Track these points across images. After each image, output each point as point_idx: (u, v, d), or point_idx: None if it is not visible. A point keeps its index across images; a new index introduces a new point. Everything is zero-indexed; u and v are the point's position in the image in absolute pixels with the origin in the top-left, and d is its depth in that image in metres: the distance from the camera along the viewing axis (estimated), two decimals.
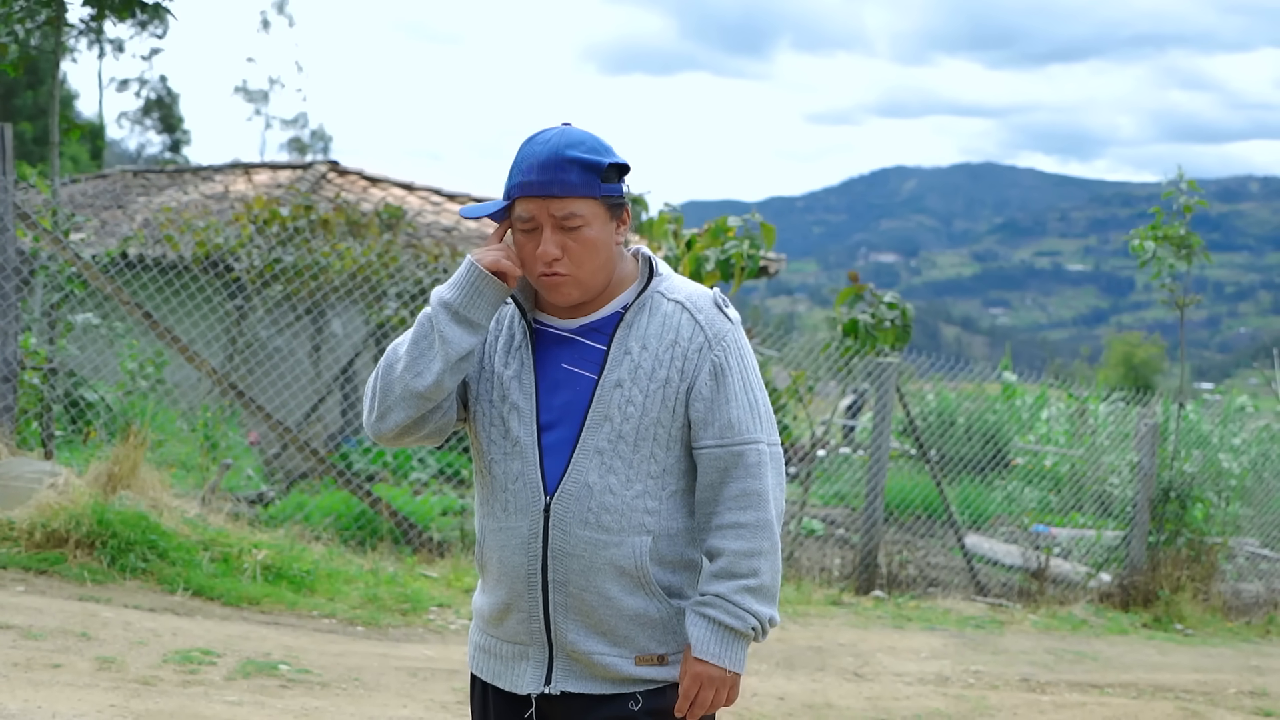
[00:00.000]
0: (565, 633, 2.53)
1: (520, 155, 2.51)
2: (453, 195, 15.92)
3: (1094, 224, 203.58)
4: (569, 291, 2.51)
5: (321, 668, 5.89)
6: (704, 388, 2.51)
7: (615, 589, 2.50)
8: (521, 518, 2.53)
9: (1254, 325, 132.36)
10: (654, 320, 2.53)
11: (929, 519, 11.56)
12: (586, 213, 2.48)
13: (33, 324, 8.88)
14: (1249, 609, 9.98)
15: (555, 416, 2.53)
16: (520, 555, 2.53)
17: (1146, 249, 10.38)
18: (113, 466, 7.30)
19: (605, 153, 2.51)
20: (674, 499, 2.54)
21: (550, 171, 2.46)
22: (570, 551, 2.50)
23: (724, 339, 2.53)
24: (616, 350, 2.52)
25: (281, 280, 10.58)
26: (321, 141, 55.50)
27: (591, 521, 2.49)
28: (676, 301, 2.55)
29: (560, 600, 2.52)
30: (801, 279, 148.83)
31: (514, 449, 2.54)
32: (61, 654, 5.60)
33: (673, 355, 2.51)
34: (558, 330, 2.57)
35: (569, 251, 2.48)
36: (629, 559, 2.49)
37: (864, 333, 9.93)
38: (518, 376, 2.56)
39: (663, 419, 2.50)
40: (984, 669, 7.40)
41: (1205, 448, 12.21)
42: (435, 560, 8.19)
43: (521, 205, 2.50)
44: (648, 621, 2.53)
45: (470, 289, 2.50)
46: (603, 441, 2.50)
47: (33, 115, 27.53)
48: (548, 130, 2.52)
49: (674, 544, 2.54)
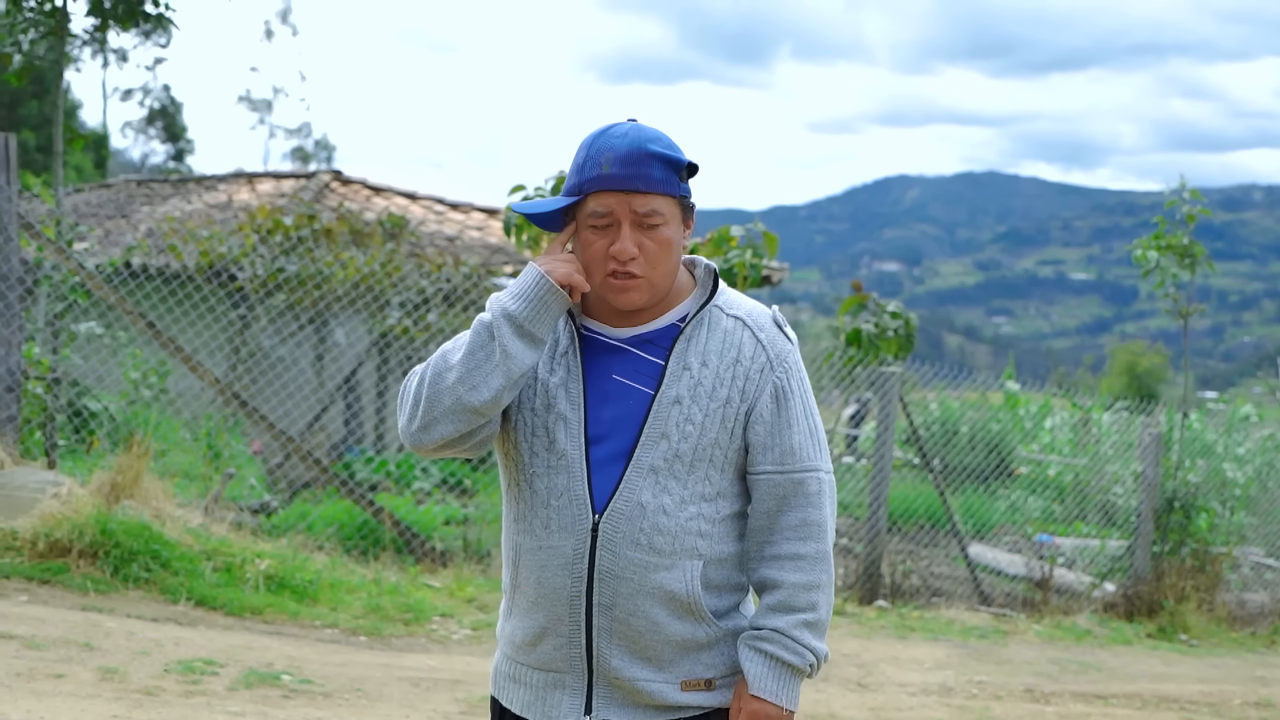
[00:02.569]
0: (609, 659, 2.38)
1: (594, 149, 2.36)
2: (455, 205, 15.94)
3: (1097, 233, 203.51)
4: (637, 295, 2.38)
5: (324, 678, 5.88)
6: (765, 410, 2.40)
7: (663, 613, 2.37)
8: (566, 536, 2.37)
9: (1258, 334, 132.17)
10: (714, 336, 2.40)
11: (932, 528, 11.54)
12: (666, 211, 2.36)
13: (36, 334, 8.89)
14: (1254, 619, 9.95)
15: (604, 430, 2.39)
16: (563, 576, 2.38)
17: (1150, 258, 10.37)
18: (116, 476, 7.30)
19: (679, 150, 2.40)
20: (725, 523, 2.42)
21: (634, 165, 2.33)
22: (618, 574, 2.36)
23: (786, 360, 2.43)
24: (675, 365, 2.38)
25: (285, 290, 10.58)
26: (325, 150, 55.57)
27: (643, 543, 2.35)
28: (737, 318, 2.43)
29: (605, 625, 2.37)
30: (805, 288, 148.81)
31: (559, 462, 2.39)
32: (64, 664, 5.60)
33: (734, 374, 2.39)
34: (608, 338, 2.43)
35: (645, 251, 2.35)
36: (680, 583, 2.37)
37: (867, 342, 9.93)
38: (564, 385, 2.40)
39: (720, 440, 2.38)
40: (988, 679, 7.38)
41: (1209, 457, 12.18)
42: (438, 570, 8.18)
43: (597, 200, 2.35)
44: (694, 646, 2.41)
45: (538, 302, 2.34)
46: (658, 460, 2.36)
47: (37, 125, 27.56)
48: (619, 124, 2.39)
49: (722, 569, 2.42)
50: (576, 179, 2.37)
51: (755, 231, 9.07)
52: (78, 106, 35.86)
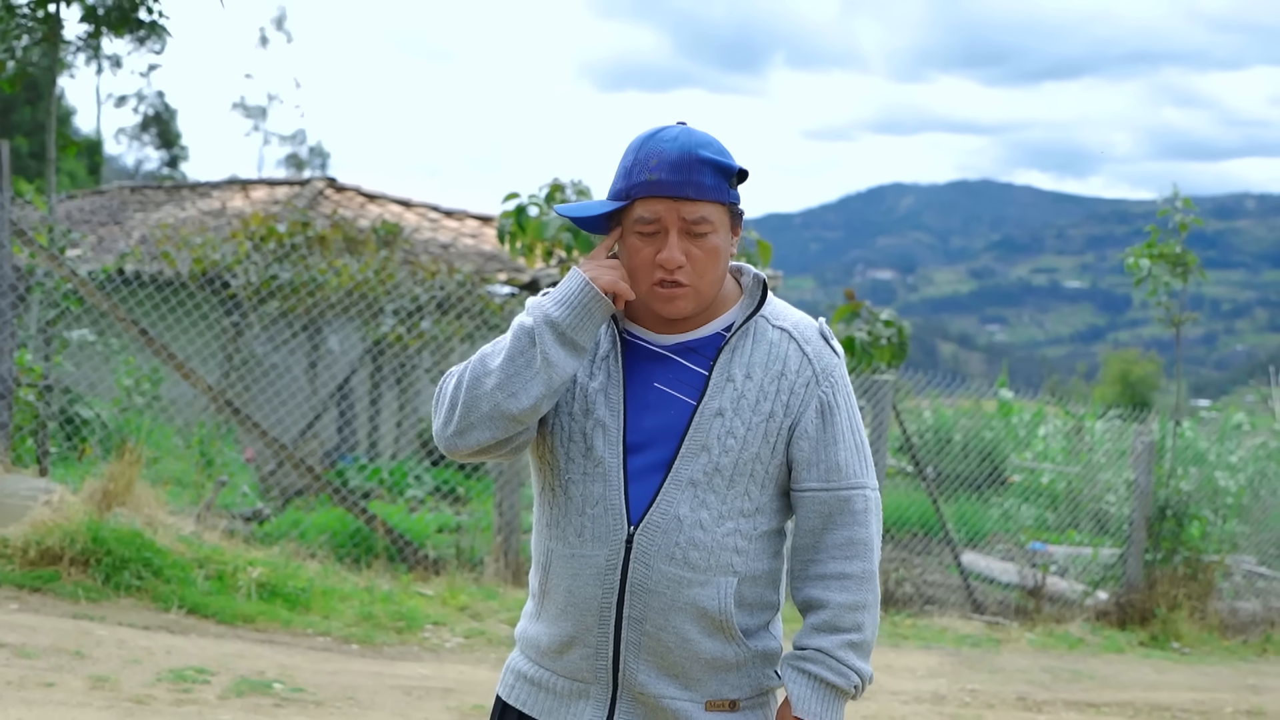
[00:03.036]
0: (635, 673, 2.33)
1: (643, 152, 2.29)
2: (450, 212, 15.95)
3: (1091, 241, 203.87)
4: (684, 304, 2.31)
5: (316, 686, 5.87)
6: (810, 426, 2.34)
7: (694, 630, 2.31)
8: (599, 546, 2.32)
9: (1250, 342, 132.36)
10: (759, 347, 2.34)
11: (926, 537, 11.54)
12: (716, 219, 2.29)
13: (28, 340, 8.88)
14: (1246, 627, 9.96)
15: (643, 439, 2.32)
16: (594, 587, 2.32)
17: (1142, 267, 10.39)
18: (108, 484, 7.29)
19: (730, 156, 2.32)
20: (762, 540, 2.36)
21: (684, 171, 2.27)
22: (651, 588, 2.30)
23: (832, 374, 2.36)
24: (719, 376, 2.32)
25: (278, 297, 10.58)
26: (320, 157, 55.52)
27: (678, 557, 2.29)
28: (783, 329, 2.37)
29: (633, 638, 2.32)
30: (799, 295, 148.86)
31: (595, 469, 2.33)
32: (55, 672, 5.59)
33: (779, 388, 2.33)
34: (651, 345, 2.37)
35: (692, 259, 2.29)
36: (713, 600, 2.31)
37: (860, 350, 9.94)
38: (604, 391, 2.34)
39: (762, 454, 2.32)
40: (980, 687, 7.38)
41: (1202, 465, 12.19)
42: (430, 578, 8.17)
43: (645, 206, 2.28)
44: (723, 665, 2.35)
45: (582, 310, 2.27)
46: (697, 473, 2.30)
47: (30, 131, 27.55)
48: (669, 128, 2.32)
49: (756, 586, 2.36)
50: (624, 183, 2.31)
51: (748, 240, 9.08)
52: (71, 113, 35.85)
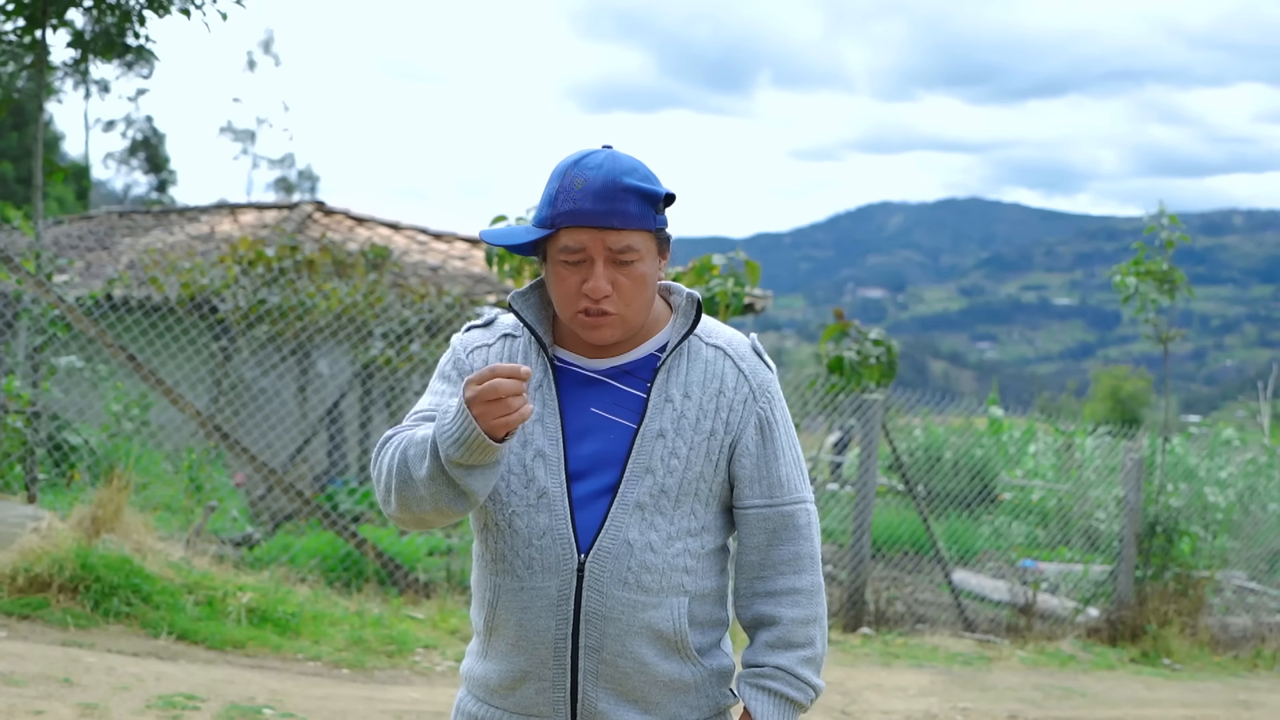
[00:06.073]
0: (595, 702, 2.30)
1: (567, 179, 2.25)
2: (439, 234, 15.96)
3: (1079, 258, 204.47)
4: (610, 332, 2.29)
5: (306, 711, 5.85)
6: (750, 442, 2.34)
7: (651, 653, 2.30)
8: (550, 577, 2.29)
9: (1240, 358, 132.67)
10: (694, 366, 2.33)
11: (916, 555, 11.55)
12: (642, 246, 2.26)
13: (16, 367, 8.86)
14: (1237, 643, 9.97)
15: (585, 466, 2.30)
16: (547, 619, 2.29)
17: (1129, 284, 10.42)
18: (96, 510, 7.27)
19: (657, 181, 2.30)
20: (709, 558, 2.36)
21: (608, 200, 2.22)
22: (606, 614, 2.28)
23: (768, 389, 2.36)
24: (657, 397, 2.30)
25: (267, 321, 10.57)
26: (308, 181, 55.62)
27: (631, 582, 2.28)
28: (716, 347, 2.36)
29: (591, 667, 2.29)
30: (789, 315, 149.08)
31: (539, 500, 2.29)
32: (44, 700, 5.56)
33: (718, 405, 2.32)
34: (584, 370, 2.35)
35: (619, 288, 2.26)
36: (667, 621, 2.30)
37: (849, 369, 9.96)
38: (540, 420, 2.31)
39: (705, 473, 2.31)
40: (972, 706, 7.38)
41: (1192, 481, 12.21)
42: (421, 601, 8.15)
43: (570, 235, 2.24)
44: (681, 686, 2.34)
45: (479, 449, 2.16)
46: (644, 495, 2.28)
47: (17, 156, 27.54)
48: (594, 153, 2.28)
49: (706, 604, 2.36)
50: (549, 211, 2.27)
51: (737, 260, 9.10)
52: (59, 138, 35.82)
